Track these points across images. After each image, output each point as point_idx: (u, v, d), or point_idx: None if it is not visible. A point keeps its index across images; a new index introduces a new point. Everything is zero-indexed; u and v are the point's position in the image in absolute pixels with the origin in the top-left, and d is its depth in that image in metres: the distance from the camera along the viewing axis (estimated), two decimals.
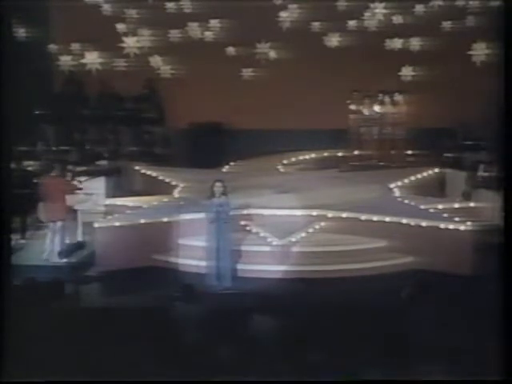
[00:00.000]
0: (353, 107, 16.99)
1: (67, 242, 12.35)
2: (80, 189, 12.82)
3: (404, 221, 12.25)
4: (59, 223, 12.07)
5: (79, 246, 12.40)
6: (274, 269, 11.56)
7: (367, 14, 17.47)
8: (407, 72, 17.35)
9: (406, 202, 13.39)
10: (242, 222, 12.26)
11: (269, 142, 16.33)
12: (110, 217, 12.60)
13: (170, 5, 17.51)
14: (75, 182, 12.81)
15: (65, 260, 12.01)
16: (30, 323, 8.63)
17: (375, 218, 12.51)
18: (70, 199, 12.27)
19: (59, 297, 9.85)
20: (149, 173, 15.45)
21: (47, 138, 16.32)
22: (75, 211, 12.62)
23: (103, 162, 15.61)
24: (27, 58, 15.02)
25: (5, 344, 8.36)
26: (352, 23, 17.43)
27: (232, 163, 16.28)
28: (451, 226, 11.96)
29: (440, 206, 13.09)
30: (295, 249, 11.86)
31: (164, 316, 9.14)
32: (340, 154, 16.92)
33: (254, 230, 12.25)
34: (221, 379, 8.16)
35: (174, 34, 17.55)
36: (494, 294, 8.63)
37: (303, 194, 13.09)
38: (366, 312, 9.18)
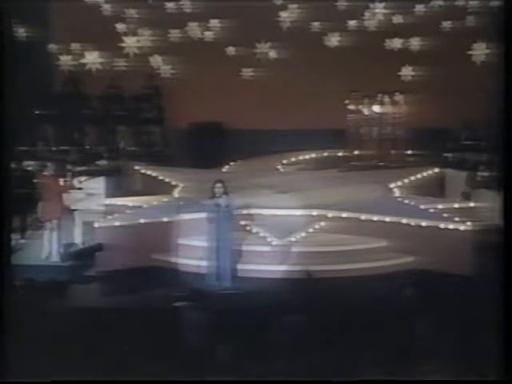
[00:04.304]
0: (352, 107, 16.99)
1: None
2: (80, 188, 12.83)
3: (404, 221, 12.26)
4: (55, 222, 12.07)
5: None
6: (274, 269, 11.57)
7: (367, 14, 17.48)
8: (407, 72, 17.35)
9: (406, 201, 13.40)
10: (242, 222, 12.26)
11: (269, 142, 16.33)
12: (109, 217, 12.60)
13: (169, 5, 17.52)
14: (73, 181, 12.81)
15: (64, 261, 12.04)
16: (30, 323, 8.63)
17: (375, 218, 12.52)
18: (66, 198, 12.29)
19: (59, 297, 9.85)
20: (149, 173, 15.45)
21: (47, 138, 16.31)
22: (73, 210, 12.62)
23: (103, 162, 15.60)
24: (27, 57, 15.01)
25: (5, 344, 8.36)
26: (352, 23, 17.44)
27: (232, 163, 16.28)
28: (451, 226, 11.97)
29: (440, 206, 13.09)
30: (295, 249, 11.87)
31: (164, 316, 9.14)
32: (340, 154, 16.93)
33: (254, 230, 12.26)
34: (221, 379, 8.16)
35: (174, 34, 17.55)
36: (494, 294, 8.63)
37: (303, 194, 13.09)
38: (365, 312, 9.18)
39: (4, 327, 8.49)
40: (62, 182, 12.46)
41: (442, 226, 12.00)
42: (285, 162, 16.52)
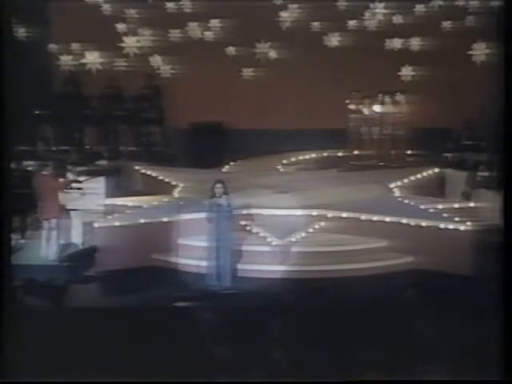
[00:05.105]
0: (352, 107, 17.00)
1: (83, 245, 12.39)
2: (80, 188, 12.84)
3: (404, 221, 12.26)
4: (54, 222, 12.09)
5: (91, 250, 12.23)
6: (274, 269, 11.57)
7: (367, 14, 17.47)
8: (407, 72, 17.35)
9: (406, 201, 13.40)
10: (242, 222, 12.26)
11: (269, 141, 16.33)
12: (109, 217, 12.61)
13: (169, 5, 17.51)
14: (73, 181, 12.83)
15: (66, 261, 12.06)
16: (30, 323, 8.64)
17: (375, 218, 12.52)
18: (66, 198, 12.30)
19: (59, 297, 9.86)
20: (149, 173, 15.45)
21: (47, 138, 16.32)
22: (73, 210, 12.63)
23: (103, 162, 15.61)
24: (27, 57, 15.01)
25: (5, 344, 8.37)
26: (352, 23, 17.43)
27: (232, 163, 16.29)
28: (451, 226, 11.97)
29: (440, 206, 13.09)
30: (295, 249, 11.87)
31: (164, 316, 9.14)
32: (340, 154, 16.93)
33: (254, 230, 12.26)
34: (221, 379, 8.16)
35: (174, 34, 17.55)
36: (494, 293, 8.64)
37: (303, 194, 13.10)
38: (365, 312, 9.19)
39: (4, 327, 8.50)
40: (61, 181, 12.47)
41: (441, 225, 12.00)
42: (285, 161, 16.53)
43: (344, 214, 12.68)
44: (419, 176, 14.87)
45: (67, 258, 12.08)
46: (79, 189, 12.87)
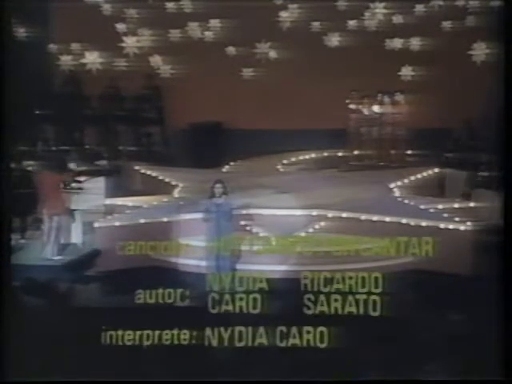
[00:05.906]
0: (352, 107, 17.00)
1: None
2: (80, 188, 12.85)
3: (404, 221, 12.26)
4: (55, 220, 12.10)
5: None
6: (274, 269, 11.56)
7: (367, 14, 17.47)
8: (407, 72, 17.35)
9: (406, 201, 13.41)
10: (242, 222, 12.26)
11: (269, 142, 16.33)
12: (109, 217, 12.62)
13: (169, 5, 17.51)
14: (73, 181, 12.85)
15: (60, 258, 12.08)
16: (30, 323, 8.64)
17: (375, 218, 12.52)
18: (66, 198, 12.32)
19: (59, 297, 9.86)
20: (149, 173, 15.45)
21: (47, 138, 16.32)
22: (73, 210, 12.64)
23: (103, 162, 15.61)
24: (27, 57, 15.02)
25: (5, 344, 8.37)
26: (352, 23, 17.43)
27: (232, 163, 16.28)
28: (451, 226, 11.97)
29: (440, 206, 13.10)
30: (295, 249, 11.86)
31: (164, 316, 9.14)
32: (340, 154, 16.93)
33: (254, 230, 12.26)
34: (221, 379, 8.17)
35: (174, 34, 17.55)
36: (494, 293, 8.64)
37: (303, 194, 13.10)
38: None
39: (4, 327, 8.50)
40: (61, 181, 12.48)
41: (442, 226, 12.00)
42: (285, 162, 16.52)
43: (344, 214, 12.68)
44: (419, 176, 14.86)
45: (67, 258, 12.09)
46: (79, 189, 12.89)
